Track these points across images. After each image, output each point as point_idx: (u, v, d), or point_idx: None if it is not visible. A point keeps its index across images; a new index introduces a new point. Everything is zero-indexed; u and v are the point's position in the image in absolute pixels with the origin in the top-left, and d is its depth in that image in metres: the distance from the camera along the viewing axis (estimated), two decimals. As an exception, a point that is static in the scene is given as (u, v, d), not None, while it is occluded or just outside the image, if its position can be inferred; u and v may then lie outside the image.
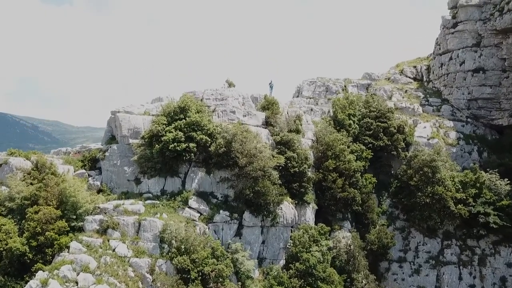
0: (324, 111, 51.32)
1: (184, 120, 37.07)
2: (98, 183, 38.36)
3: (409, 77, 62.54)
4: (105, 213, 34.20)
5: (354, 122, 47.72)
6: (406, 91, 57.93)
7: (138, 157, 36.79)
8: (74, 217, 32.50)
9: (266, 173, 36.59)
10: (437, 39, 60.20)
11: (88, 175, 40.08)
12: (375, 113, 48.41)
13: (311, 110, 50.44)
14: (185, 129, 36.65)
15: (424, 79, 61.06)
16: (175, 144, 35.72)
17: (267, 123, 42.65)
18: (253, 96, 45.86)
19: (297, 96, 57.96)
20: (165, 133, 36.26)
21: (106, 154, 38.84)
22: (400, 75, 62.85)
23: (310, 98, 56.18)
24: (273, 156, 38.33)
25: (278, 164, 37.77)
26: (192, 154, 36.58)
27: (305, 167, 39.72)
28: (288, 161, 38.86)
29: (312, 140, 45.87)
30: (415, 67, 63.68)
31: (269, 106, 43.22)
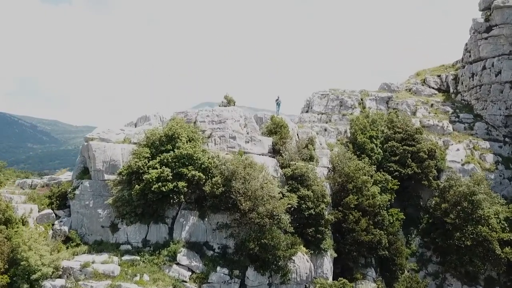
0: (340, 130, 43.83)
1: (172, 152, 29.59)
2: (66, 228, 30.84)
3: (433, 88, 55.12)
4: (69, 274, 26.74)
5: (376, 146, 40.20)
6: (432, 105, 50.41)
7: (113, 200, 29.26)
8: (27, 286, 24.97)
9: (275, 219, 29.11)
10: (466, 44, 52.73)
11: (56, 215, 32.66)
12: (401, 134, 40.92)
13: (325, 130, 42.95)
14: (173, 163, 29.16)
15: (451, 90, 53.57)
16: (160, 184, 28.23)
17: (274, 151, 35.17)
18: (257, 116, 38.44)
19: (307, 111, 50.46)
20: (148, 169, 28.76)
21: (76, 192, 31.30)
22: (423, 85, 55.39)
23: (322, 114, 48.67)
24: (283, 195, 30.89)
25: (289, 205, 30.32)
26: (182, 196, 29.08)
27: (322, 208, 32.26)
28: (302, 201, 31.38)
29: (328, 168, 38.42)
30: (439, 76, 56.23)
31: (276, 129, 35.70)
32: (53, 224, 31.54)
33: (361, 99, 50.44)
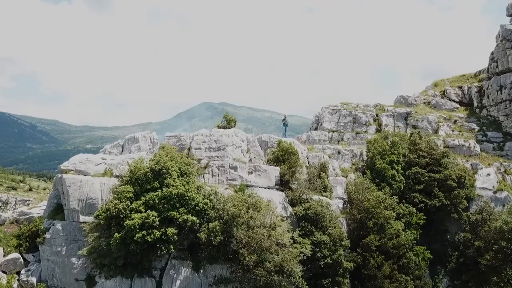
0: (355, 153, 38.62)
1: (159, 190, 24.47)
2: (34, 280, 25.92)
3: (454, 101, 49.97)
4: None
5: (398, 172, 35.02)
6: (455, 121, 45.25)
7: (88, 250, 24.13)
8: None
9: (285, 273, 23.95)
10: (492, 53, 47.62)
11: (24, 260, 27.69)
12: (426, 159, 35.74)
13: (338, 153, 37.75)
14: (160, 206, 24.05)
15: (475, 104, 48.41)
16: (145, 232, 23.13)
17: (282, 182, 30.09)
18: (262, 139, 33.34)
19: (316, 128, 45.26)
20: (130, 213, 23.64)
21: (47, 235, 26.30)
22: (442, 98, 50.28)
23: (333, 132, 43.49)
24: (294, 241, 25.77)
25: (302, 253, 25.20)
26: (171, 246, 23.95)
27: (340, 254, 27.12)
28: (317, 248, 26.24)
29: (343, 199, 33.36)
30: (460, 87, 51.11)
31: (284, 157, 30.59)
32: (19, 272, 26.64)
33: (376, 115, 45.27)
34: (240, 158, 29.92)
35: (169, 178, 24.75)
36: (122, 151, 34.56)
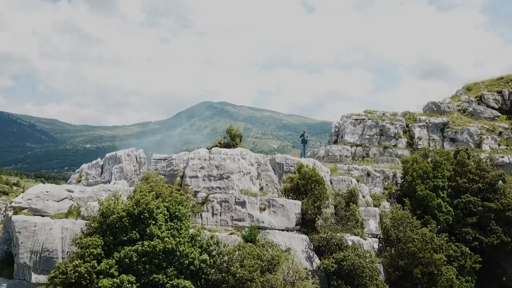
0: (387, 174, 31.65)
1: (139, 243, 17.55)
2: None
3: (493, 108, 42.98)
4: None
5: (444, 201, 28.09)
6: (500, 133, 38.28)
7: (38, 331, 17.21)
8: None
9: None
10: (541, 53, 40.59)
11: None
12: (479, 184, 28.81)
13: (368, 175, 30.77)
14: (140, 266, 17.12)
15: (520, 112, 41.45)
16: (117, 307, 16.22)
17: (303, 221, 23.14)
18: (275, 161, 26.26)
19: (335, 141, 38.31)
20: (97, 277, 16.73)
21: (-11, 299, 19.39)
22: (479, 104, 43.26)
23: (357, 146, 36.54)
24: (324, 307, 18.90)
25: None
26: (156, 325, 17.03)
27: (384, 323, 20.21)
28: (355, 318, 19.34)
29: (377, 236, 26.43)
30: (499, 92, 44.04)
31: (306, 186, 23.62)
32: None
33: (407, 125, 38.31)
34: (249, 189, 22.99)
35: (153, 226, 17.84)
36: (101, 173, 27.81)
